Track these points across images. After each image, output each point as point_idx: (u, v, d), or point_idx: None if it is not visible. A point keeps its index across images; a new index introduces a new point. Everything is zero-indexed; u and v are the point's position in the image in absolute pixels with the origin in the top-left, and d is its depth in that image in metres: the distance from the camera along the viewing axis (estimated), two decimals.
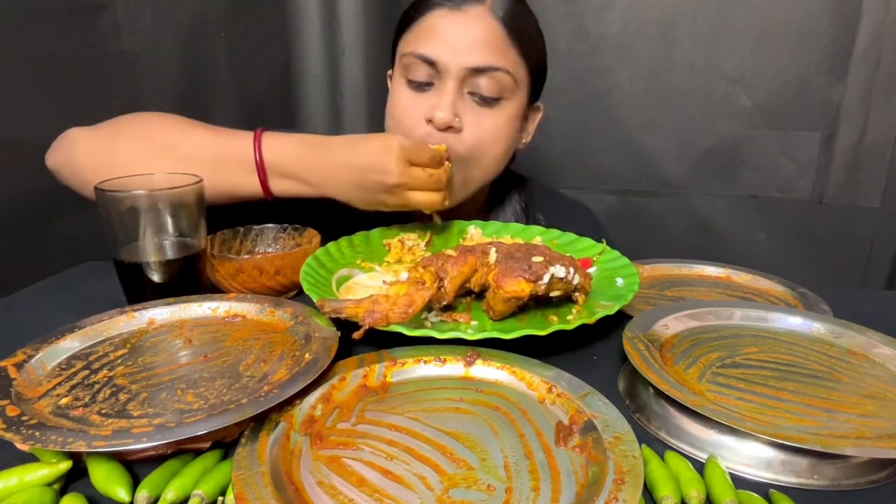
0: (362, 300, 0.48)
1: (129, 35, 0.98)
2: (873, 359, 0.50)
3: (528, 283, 0.50)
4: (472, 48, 0.68)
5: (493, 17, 0.69)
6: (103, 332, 0.51)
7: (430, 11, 0.70)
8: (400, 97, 0.73)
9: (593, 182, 1.39)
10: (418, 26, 0.71)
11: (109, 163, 0.63)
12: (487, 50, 0.69)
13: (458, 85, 0.69)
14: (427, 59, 0.69)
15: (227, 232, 0.69)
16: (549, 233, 0.73)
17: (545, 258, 0.52)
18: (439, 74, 0.70)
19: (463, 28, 0.69)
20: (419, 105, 0.71)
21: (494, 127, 0.72)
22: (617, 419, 0.39)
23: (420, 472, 0.36)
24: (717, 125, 1.29)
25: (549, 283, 0.51)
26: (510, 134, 0.75)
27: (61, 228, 0.90)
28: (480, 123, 0.71)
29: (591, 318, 0.51)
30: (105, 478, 0.35)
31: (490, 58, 0.69)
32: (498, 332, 0.48)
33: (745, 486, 0.37)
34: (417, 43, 0.70)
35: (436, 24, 0.70)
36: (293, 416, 0.40)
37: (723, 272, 0.75)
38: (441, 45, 0.69)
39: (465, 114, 0.70)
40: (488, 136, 0.72)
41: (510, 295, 0.51)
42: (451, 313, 0.54)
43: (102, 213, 0.56)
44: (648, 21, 1.26)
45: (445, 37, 0.69)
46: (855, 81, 1.19)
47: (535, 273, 0.51)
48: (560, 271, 0.52)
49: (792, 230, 1.31)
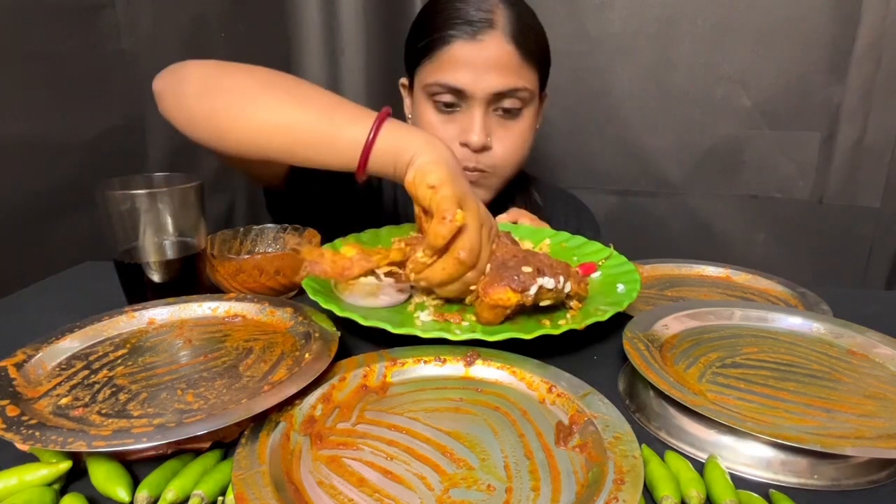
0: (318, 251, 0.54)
1: (129, 35, 0.98)
2: (873, 359, 0.50)
3: (514, 294, 0.51)
4: (494, 74, 0.74)
5: (507, 41, 0.74)
6: (103, 332, 0.51)
7: (449, 43, 0.75)
8: (430, 118, 0.79)
9: (593, 182, 1.38)
10: (438, 57, 0.76)
11: (216, 87, 0.61)
12: (507, 74, 0.75)
13: (485, 108, 0.76)
14: (453, 88, 0.75)
15: (227, 232, 0.69)
16: (559, 235, 0.73)
17: (535, 269, 0.53)
18: (466, 99, 0.76)
19: (482, 56, 0.74)
20: (449, 128, 0.78)
21: (521, 134, 0.80)
22: (617, 419, 0.39)
23: (420, 472, 0.36)
24: (717, 125, 1.29)
25: (536, 293, 0.52)
26: (532, 135, 0.83)
27: (61, 228, 0.90)
28: (508, 135, 0.79)
29: (580, 324, 0.51)
30: (105, 478, 0.35)
31: (510, 81, 0.75)
32: (483, 334, 0.47)
33: (745, 486, 0.37)
34: (440, 73, 0.76)
35: (456, 54, 0.75)
36: (293, 416, 0.40)
37: (723, 272, 0.75)
38: (465, 74, 0.74)
39: (492, 130, 0.78)
40: (516, 144, 0.80)
41: (495, 303, 0.51)
42: (444, 313, 0.54)
43: (102, 213, 0.56)
44: (648, 21, 1.26)
45: (467, 66, 0.74)
46: (855, 81, 1.19)
47: (523, 284, 0.51)
48: (549, 283, 0.52)
49: (792, 230, 1.31)
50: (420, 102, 0.80)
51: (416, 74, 0.81)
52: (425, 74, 0.78)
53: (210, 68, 0.63)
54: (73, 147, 0.84)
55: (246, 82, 0.61)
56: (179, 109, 0.62)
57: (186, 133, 0.62)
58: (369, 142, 0.55)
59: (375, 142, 0.55)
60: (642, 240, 1.37)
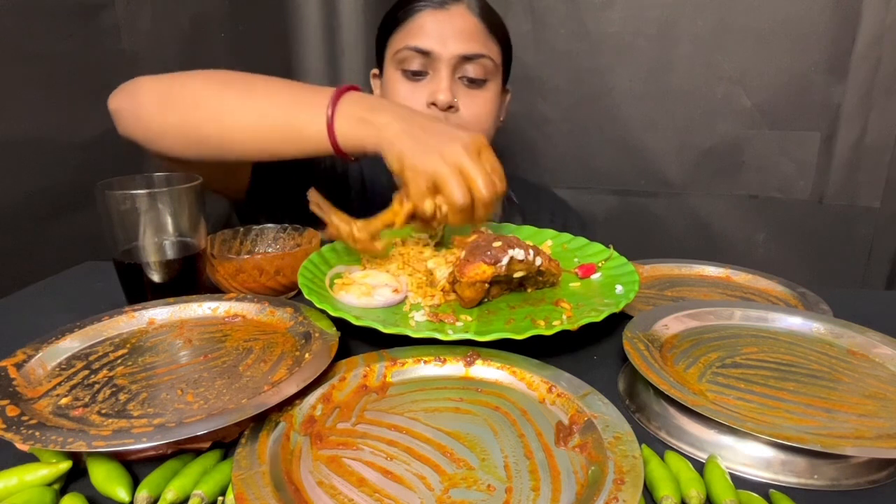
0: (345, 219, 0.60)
1: (129, 35, 0.98)
2: (873, 359, 0.50)
3: (488, 266, 0.54)
4: (460, 39, 0.79)
5: (471, 13, 0.81)
6: (103, 332, 0.51)
7: (418, 13, 0.80)
8: (398, 87, 0.82)
9: (593, 182, 1.38)
10: (408, 25, 0.81)
11: (177, 97, 0.63)
12: (472, 40, 0.80)
13: (451, 71, 0.80)
14: (422, 50, 0.79)
15: (227, 232, 0.69)
16: (560, 237, 0.74)
17: (504, 243, 0.56)
18: (433, 63, 0.80)
19: (449, 23, 0.79)
20: (417, 93, 0.81)
21: (485, 103, 0.84)
22: (617, 419, 0.39)
23: (420, 472, 0.36)
24: (717, 125, 1.29)
25: (508, 264, 0.55)
26: (496, 110, 0.87)
27: (61, 228, 0.90)
28: (474, 102, 0.82)
29: (574, 325, 0.51)
30: (105, 478, 0.35)
31: (475, 46, 0.80)
32: (476, 335, 0.47)
33: (745, 486, 0.37)
34: (410, 38, 0.80)
35: (424, 21, 0.80)
36: (293, 416, 0.40)
37: (723, 272, 0.75)
38: (433, 39, 0.79)
39: (459, 96, 0.81)
40: (481, 112, 0.83)
41: (472, 279, 0.54)
42: (438, 314, 0.54)
43: (102, 213, 0.56)
44: (648, 21, 1.26)
45: (435, 31, 0.79)
46: (855, 81, 1.19)
47: (495, 256, 0.55)
48: (519, 254, 0.56)
49: (792, 230, 1.31)
50: (389, 74, 0.83)
51: (386, 48, 0.84)
52: (395, 43, 0.82)
53: (163, 82, 0.65)
54: (73, 147, 0.84)
55: (206, 89, 0.64)
56: (140, 126, 0.65)
57: (151, 147, 0.64)
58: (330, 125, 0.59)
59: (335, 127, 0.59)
60: (642, 240, 1.37)
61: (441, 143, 0.57)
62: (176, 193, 0.57)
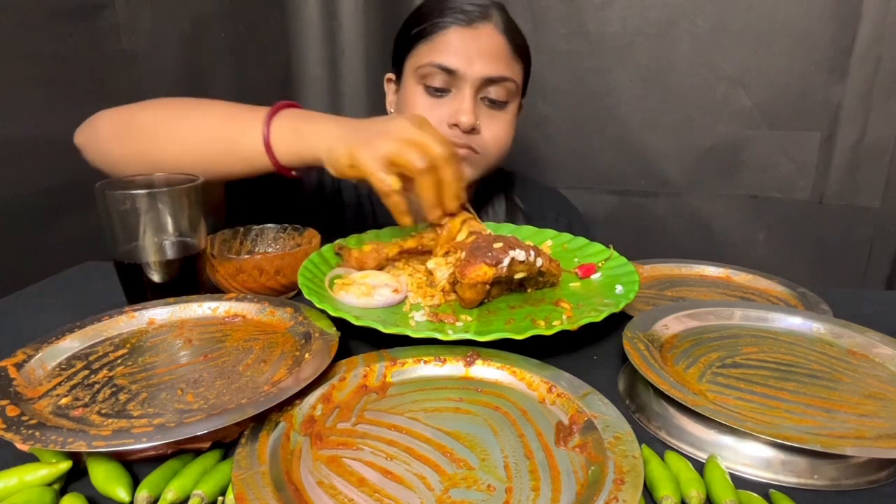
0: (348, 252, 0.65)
1: (129, 35, 0.98)
2: (873, 359, 0.50)
3: (489, 268, 0.54)
4: (486, 60, 0.77)
5: (499, 32, 0.79)
6: (103, 332, 0.51)
7: (445, 28, 0.78)
8: (418, 101, 0.81)
9: (593, 182, 1.39)
10: (434, 40, 0.79)
11: (130, 128, 0.67)
12: (498, 61, 0.79)
13: (475, 92, 0.78)
14: (447, 68, 0.77)
15: (227, 232, 0.69)
16: (560, 237, 0.74)
17: (505, 244, 0.56)
18: (457, 82, 0.78)
19: (476, 42, 0.78)
20: (437, 109, 0.79)
21: (505, 125, 0.83)
22: (617, 419, 0.39)
23: (420, 472, 0.36)
24: (717, 125, 1.29)
25: (509, 265, 0.55)
26: (514, 131, 0.86)
27: (61, 228, 0.90)
28: (494, 124, 0.81)
29: (573, 325, 0.51)
30: (105, 478, 0.35)
31: (500, 68, 0.79)
32: (476, 335, 0.47)
33: (745, 486, 0.37)
34: (436, 55, 0.78)
35: (451, 38, 0.78)
36: (293, 416, 0.40)
37: (723, 272, 0.75)
38: (459, 57, 0.77)
39: (480, 117, 0.80)
40: (501, 134, 0.82)
41: (473, 281, 0.54)
42: (438, 314, 0.54)
43: (102, 213, 0.56)
44: (648, 21, 1.26)
45: (461, 50, 0.77)
46: (855, 81, 1.19)
47: (496, 258, 0.54)
48: (520, 255, 0.55)
49: (792, 230, 1.31)
50: (409, 87, 0.82)
51: (407, 59, 0.83)
52: (419, 57, 0.80)
53: (119, 114, 0.69)
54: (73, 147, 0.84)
55: (155, 117, 0.67)
56: (101, 157, 0.68)
57: (115, 175, 0.67)
58: (266, 140, 0.61)
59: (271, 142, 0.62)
60: (642, 240, 1.38)
61: (381, 129, 0.59)
62: (176, 193, 0.57)
